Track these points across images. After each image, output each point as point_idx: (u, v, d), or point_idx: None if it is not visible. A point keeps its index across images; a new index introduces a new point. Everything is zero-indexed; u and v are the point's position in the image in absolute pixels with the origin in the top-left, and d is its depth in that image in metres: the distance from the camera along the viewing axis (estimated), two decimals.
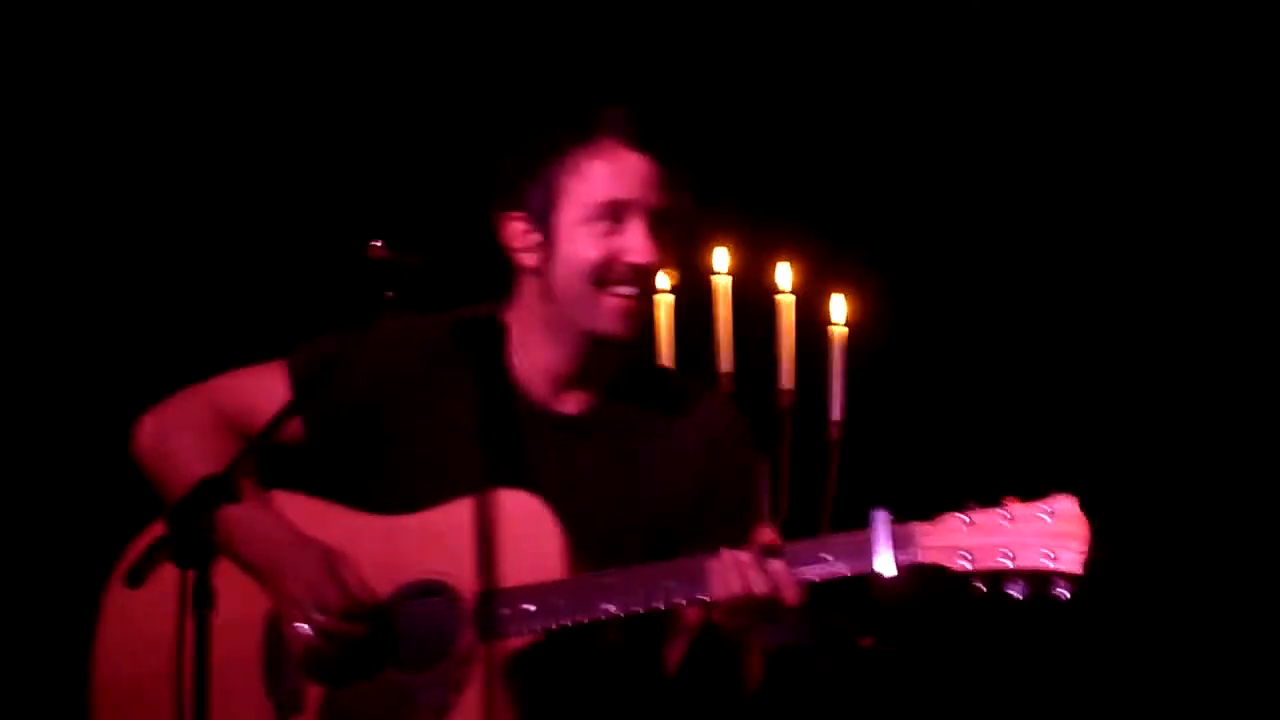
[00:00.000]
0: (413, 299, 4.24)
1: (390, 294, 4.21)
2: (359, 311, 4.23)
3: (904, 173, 6.95)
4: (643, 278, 4.35)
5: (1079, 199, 7.10)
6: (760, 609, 4.10)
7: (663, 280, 5.92)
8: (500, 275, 4.49)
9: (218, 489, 3.94)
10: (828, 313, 6.17)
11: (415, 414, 4.45)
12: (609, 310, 4.35)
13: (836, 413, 6.07)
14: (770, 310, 6.10)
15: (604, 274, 4.33)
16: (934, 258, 7.06)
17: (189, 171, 6.62)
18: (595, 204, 4.33)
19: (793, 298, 6.14)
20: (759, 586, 4.07)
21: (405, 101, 6.84)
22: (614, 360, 4.44)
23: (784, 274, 6.14)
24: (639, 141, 4.35)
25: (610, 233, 4.33)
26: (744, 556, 4.10)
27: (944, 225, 7.04)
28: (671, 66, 6.70)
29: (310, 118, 6.75)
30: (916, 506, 4.18)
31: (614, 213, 4.33)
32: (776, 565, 4.09)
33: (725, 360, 6.02)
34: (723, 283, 6.07)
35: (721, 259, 6.06)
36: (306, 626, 4.30)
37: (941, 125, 7.15)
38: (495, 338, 4.47)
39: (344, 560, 4.32)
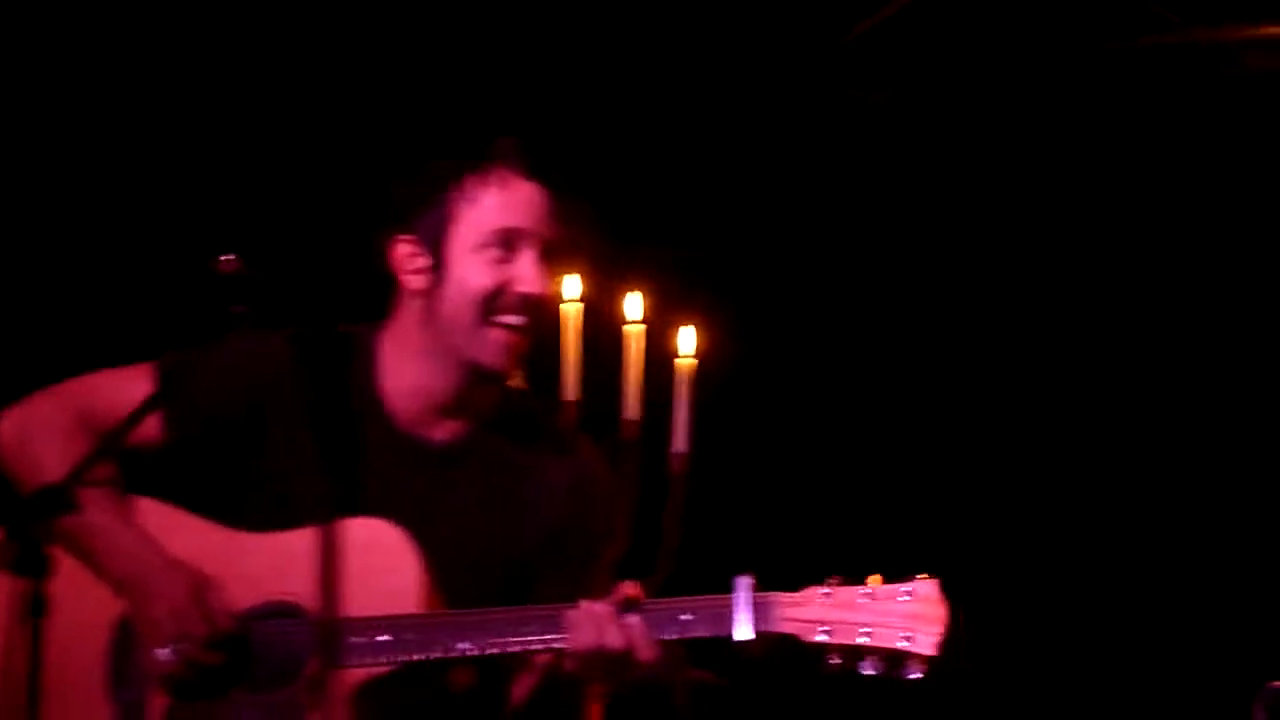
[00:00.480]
0: (274, 313, 4.16)
1: (239, 309, 4.13)
2: (213, 325, 4.16)
3: (761, 205, 6.95)
4: (531, 308, 4.36)
5: (936, 233, 7.21)
6: (614, 662, 4.16)
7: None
8: (371, 294, 4.45)
9: (57, 498, 3.91)
10: (673, 344, 6.12)
11: (276, 429, 4.42)
12: (493, 342, 4.36)
13: (681, 444, 6.02)
14: (620, 339, 6.04)
15: (493, 302, 4.34)
16: (786, 289, 7.07)
17: (51, 175, 6.54)
18: (487, 231, 4.34)
19: (642, 327, 6.08)
20: (614, 640, 4.14)
21: (280, 114, 6.85)
22: (491, 393, 4.45)
23: (634, 303, 6.07)
24: (533, 170, 4.39)
25: (501, 260, 4.34)
26: (601, 609, 4.16)
27: (797, 258, 7.05)
28: (532, 93, 6.68)
29: (185, 126, 6.76)
30: (762, 550, 4.30)
31: (506, 241, 4.35)
32: (633, 620, 4.16)
33: (570, 389, 5.95)
34: (572, 310, 5.99)
35: (572, 286, 5.99)
36: (166, 651, 4.27)
37: (794, 156, 7.19)
38: (365, 358, 4.45)
39: (211, 587, 4.29)
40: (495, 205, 4.35)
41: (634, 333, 6.08)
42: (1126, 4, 7.16)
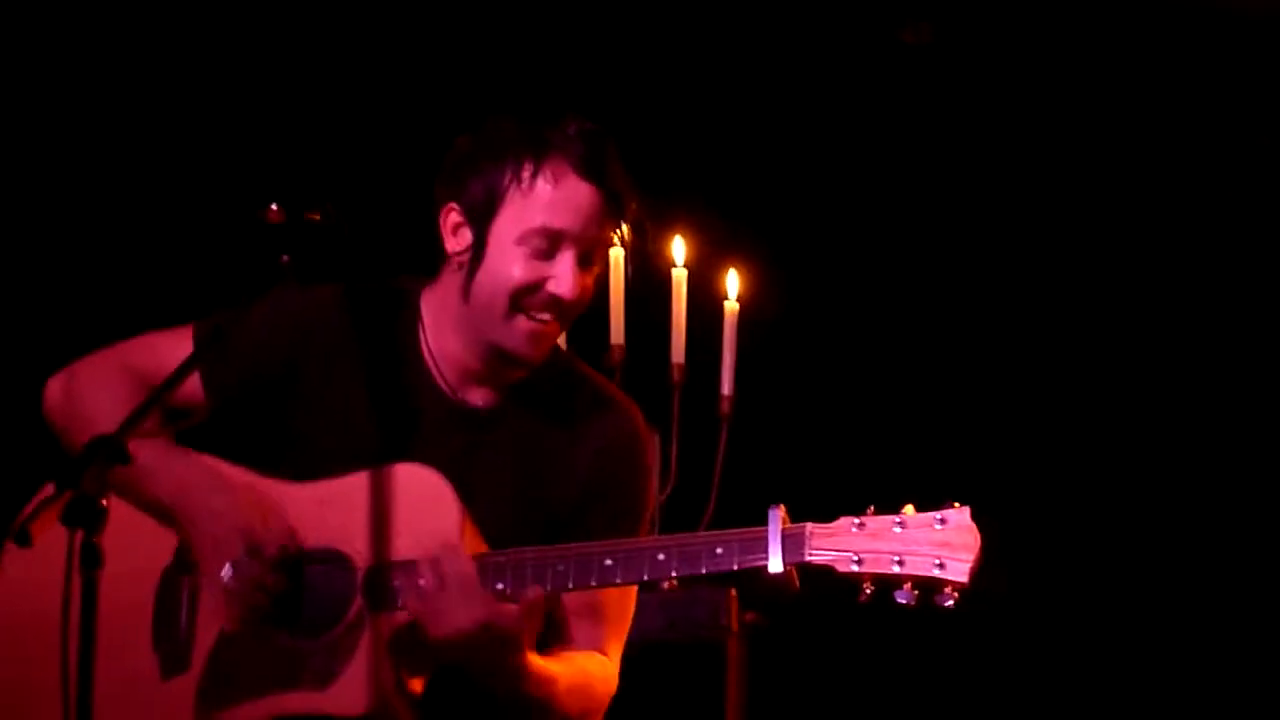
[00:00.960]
0: (324, 263, 4.16)
1: (285, 258, 4.12)
2: (260, 277, 4.12)
3: (802, 151, 6.94)
4: (562, 308, 4.32)
5: (974, 185, 7.18)
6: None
7: None
8: (424, 249, 4.42)
9: (108, 448, 3.85)
10: (722, 288, 6.14)
11: (320, 382, 4.40)
12: (520, 331, 4.33)
13: (727, 388, 6.04)
14: (665, 283, 6.05)
15: (524, 296, 4.30)
16: (828, 235, 7.06)
17: (94, 140, 6.55)
18: (533, 226, 4.27)
19: (685, 272, 6.10)
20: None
21: (335, 55, 6.84)
22: (520, 369, 4.42)
23: (679, 248, 6.09)
24: (589, 170, 4.27)
25: (540, 256, 4.28)
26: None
27: (839, 205, 7.04)
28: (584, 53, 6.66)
29: (232, 71, 6.74)
30: (805, 487, 4.21)
31: (549, 239, 4.27)
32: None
33: (617, 333, 5.98)
34: (617, 255, 6.01)
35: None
36: (228, 569, 4.26)
37: (835, 106, 7.17)
38: (411, 316, 4.43)
39: (275, 507, 4.31)
40: (545, 201, 4.26)
41: (679, 277, 6.09)
42: None
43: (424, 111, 4.76)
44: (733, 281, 6.14)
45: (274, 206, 4.12)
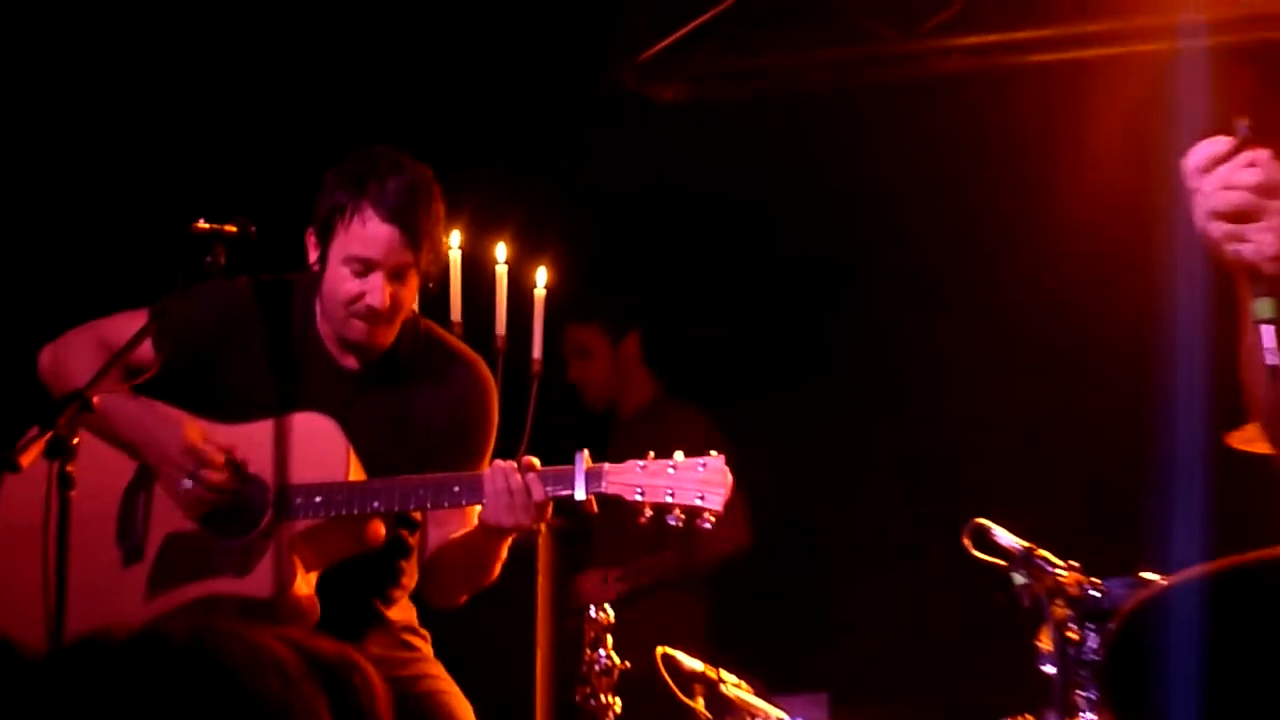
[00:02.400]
0: (237, 261, 4.20)
1: (209, 259, 4.14)
2: (193, 271, 4.14)
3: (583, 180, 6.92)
4: (378, 315, 4.30)
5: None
6: (516, 504, 4.16)
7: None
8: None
9: (77, 400, 3.94)
10: (531, 280, 6.19)
11: (240, 348, 4.40)
12: (353, 328, 4.33)
13: (536, 353, 6.09)
14: (491, 276, 6.11)
15: (350, 304, 4.29)
16: (608, 242, 7.08)
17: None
18: (350, 254, 4.27)
19: (506, 268, 6.15)
20: (517, 483, 4.14)
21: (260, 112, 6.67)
22: (373, 346, 4.39)
23: (501, 251, 6.15)
24: (392, 215, 4.24)
25: (358, 275, 4.27)
26: (509, 464, 4.18)
27: (612, 218, 7.03)
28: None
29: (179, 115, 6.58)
30: (596, 448, 4.27)
31: (362, 263, 4.26)
32: (531, 475, 4.18)
33: (455, 311, 6.02)
34: (455, 256, 6.07)
35: (455, 240, 6.06)
36: (187, 482, 4.29)
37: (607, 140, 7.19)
38: (306, 300, 4.43)
39: (210, 431, 4.32)
40: (357, 237, 4.25)
41: (501, 272, 6.14)
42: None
43: (314, 146, 4.77)
44: (541, 274, 6.20)
45: (201, 221, 4.16)
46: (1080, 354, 6.55)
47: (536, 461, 4.22)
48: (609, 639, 5.14)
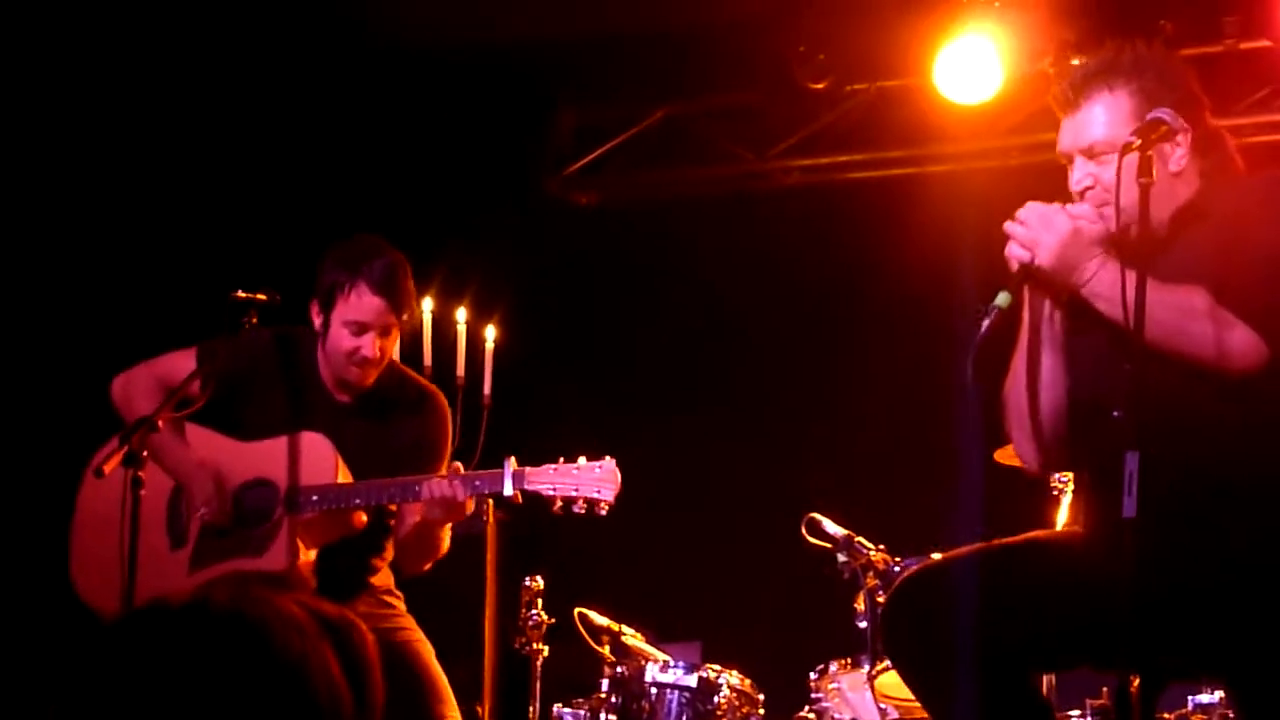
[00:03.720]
0: (265, 319, 4.21)
1: (245, 320, 4.16)
2: (233, 326, 4.18)
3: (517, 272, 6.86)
4: (369, 363, 4.29)
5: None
6: (451, 503, 4.15)
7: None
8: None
9: (146, 424, 3.96)
10: (483, 335, 6.19)
11: (264, 385, 4.37)
12: (351, 372, 4.32)
13: (487, 389, 6.08)
14: (454, 333, 6.10)
15: (348, 355, 4.28)
16: (545, 313, 7.06)
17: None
18: (346, 319, 4.26)
19: (465, 327, 6.14)
20: (453, 488, 4.13)
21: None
22: (362, 385, 4.36)
23: (460, 314, 6.14)
24: (381, 290, 4.24)
25: (354, 334, 4.26)
26: (450, 473, 4.17)
27: (537, 301, 6.94)
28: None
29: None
30: (525, 455, 4.23)
31: (358, 326, 4.26)
32: (456, 481, 4.15)
33: (427, 358, 6.00)
34: (427, 318, 6.06)
35: (426, 306, 6.06)
36: (203, 511, 4.29)
37: (537, 239, 7.20)
38: (310, 349, 4.40)
39: (222, 478, 4.30)
40: (353, 306, 4.24)
41: (460, 329, 6.13)
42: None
43: (319, 231, 4.76)
44: (490, 331, 6.20)
45: (240, 292, 4.18)
46: (892, 396, 6.56)
47: (460, 467, 4.20)
48: (539, 601, 5.15)
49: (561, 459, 4.18)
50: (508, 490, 4.13)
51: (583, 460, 4.17)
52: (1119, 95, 3.18)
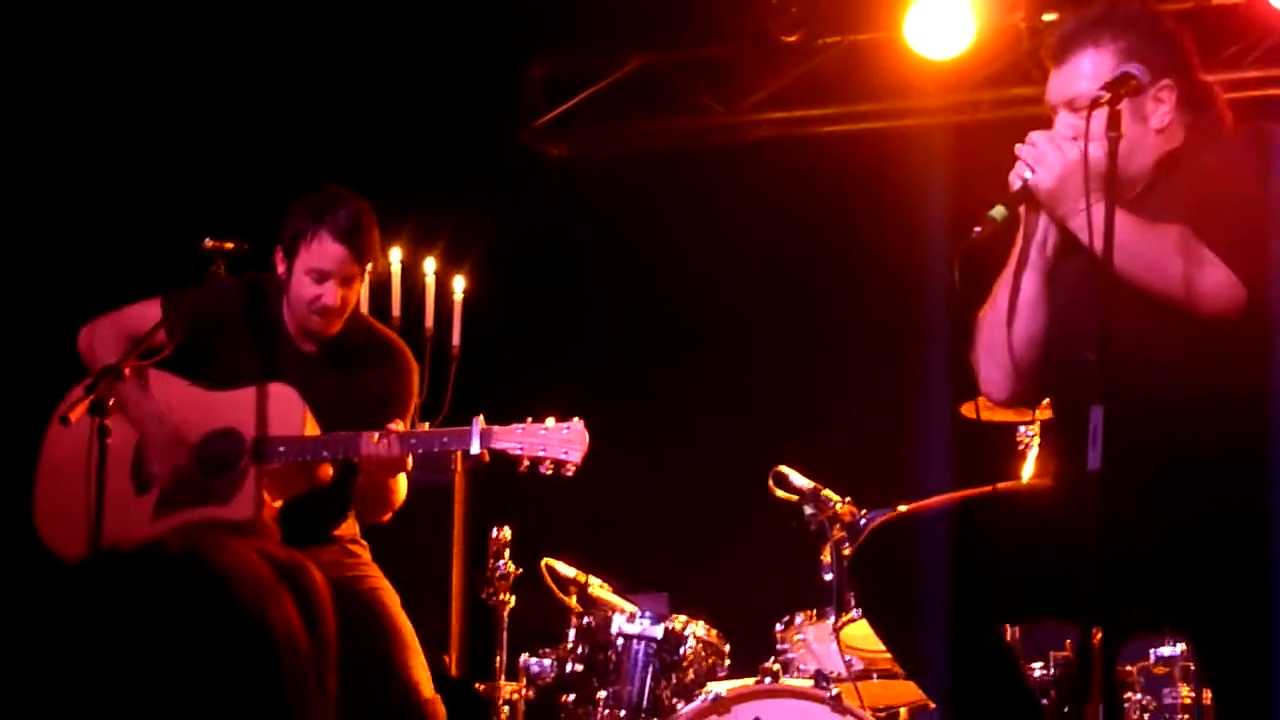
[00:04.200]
0: (231, 267, 4.19)
1: (213, 269, 4.15)
2: (199, 276, 4.15)
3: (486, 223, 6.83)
4: (331, 311, 4.26)
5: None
6: (384, 461, 4.13)
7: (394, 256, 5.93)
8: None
9: (111, 372, 3.97)
10: (452, 286, 6.19)
11: (230, 333, 4.33)
12: (313, 321, 4.28)
13: (456, 340, 6.09)
14: (423, 284, 6.10)
15: (311, 303, 4.25)
16: (514, 263, 7.06)
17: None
18: (308, 267, 4.23)
19: (434, 278, 6.14)
20: (382, 451, 4.11)
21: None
22: (326, 335, 4.32)
23: (429, 265, 6.14)
24: (342, 237, 4.20)
25: (316, 282, 4.23)
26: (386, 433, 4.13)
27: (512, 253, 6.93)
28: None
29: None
30: (493, 408, 4.21)
31: (320, 274, 4.22)
32: (394, 437, 4.12)
33: (396, 309, 6.00)
34: (396, 268, 6.06)
35: (395, 256, 6.05)
36: (157, 468, 4.27)
37: (510, 186, 7.17)
38: (276, 297, 4.37)
39: (180, 430, 4.27)
40: (315, 254, 4.21)
41: (429, 281, 6.14)
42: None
43: (289, 181, 4.71)
44: (459, 282, 6.20)
45: (207, 240, 4.16)
46: (861, 350, 6.59)
47: (398, 426, 4.17)
48: (507, 552, 5.14)
49: (529, 419, 4.13)
50: (475, 449, 4.10)
51: (551, 420, 4.13)
52: (1104, 51, 3.19)
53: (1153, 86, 3.16)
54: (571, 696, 4.82)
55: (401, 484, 4.33)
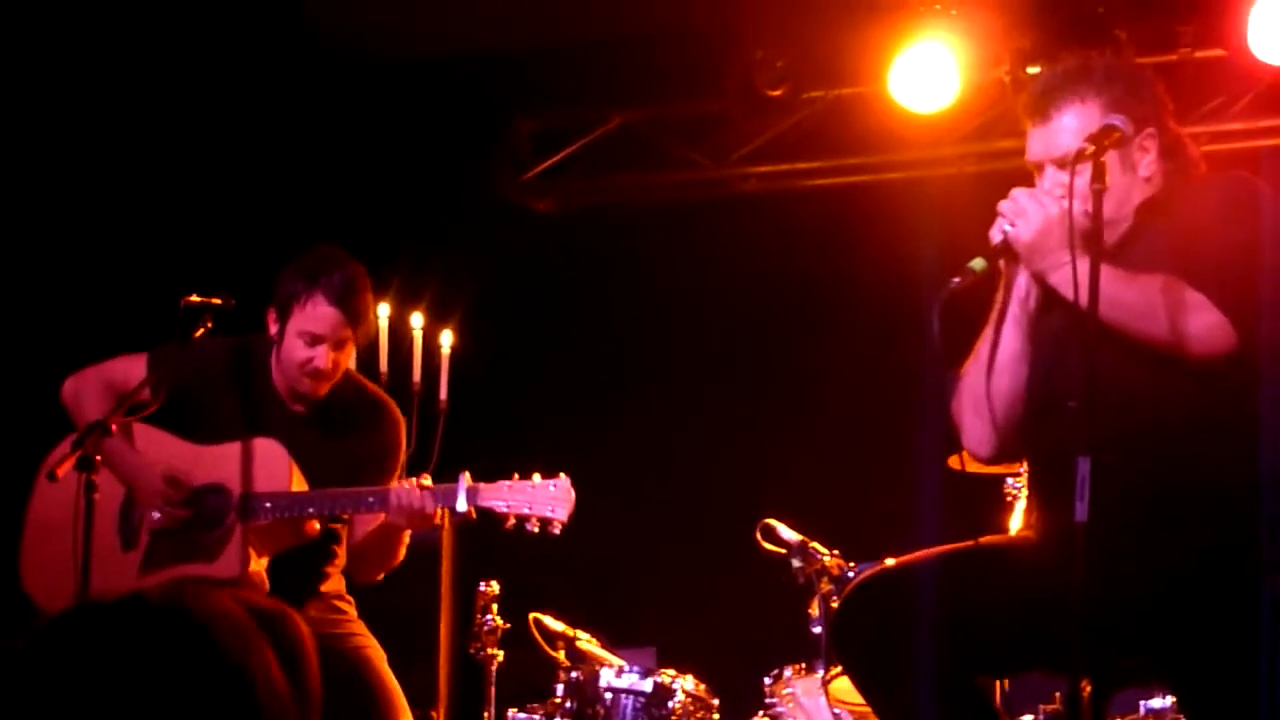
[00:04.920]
0: (220, 325, 4.18)
1: (200, 325, 4.14)
2: (185, 332, 4.15)
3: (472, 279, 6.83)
4: (322, 375, 4.24)
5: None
6: (414, 512, 4.13)
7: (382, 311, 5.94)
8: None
9: (99, 429, 3.97)
10: (440, 341, 6.17)
11: (218, 391, 4.33)
12: (304, 383, 4.27)
13: (443, 395, 6.07)
14: (410, 338, 6.08)
15: (302, 366, 4.24)
16: (503, 321, 7.05)
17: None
18: (301, 330, 4.22)
19: (421, 332, 6.13)
20: (416, 498, 4.12)
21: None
22: (316, 395, 4.32)
23: (416, 319, 6.12)
24: (336, 301, 4.19)
25: (309, 345, 4.22)
26: (413, 483, 4.15)
27: (489, 307, 6.91)
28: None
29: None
30: (482, 462, 4.20)
31: (312, 338, 4.21)
32: (427, 493, 4.14)
33: (383, 364, 5.98)
34: (383, 323, 6.03)
35: (383, 311, 6.02)
36: (155, 513, 4.25)
37: (495, 242, 7.18)
38: (264, 357, 4.36)
39: (175, 474, 4.25)
40: (308, 317, 4.20)
41: (417, 335, 6.12)
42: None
43: (277, 237, 4.69)
44: (447, 337, 6.18)
45: (194, 296, 4.16)
46: (848, 402, 6.58)
47: (428, 480, 4.18)
48: (494, 606, 5.13)
49: (516, 475, 4.13)
50: (461, 506, 4.10)
51: (537, 477, 4.12)
52: (1090, 106, 3.20)
53: (1138, 135, 3.18)
54: None
55: (405, 542, 4.33)
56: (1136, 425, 3.04)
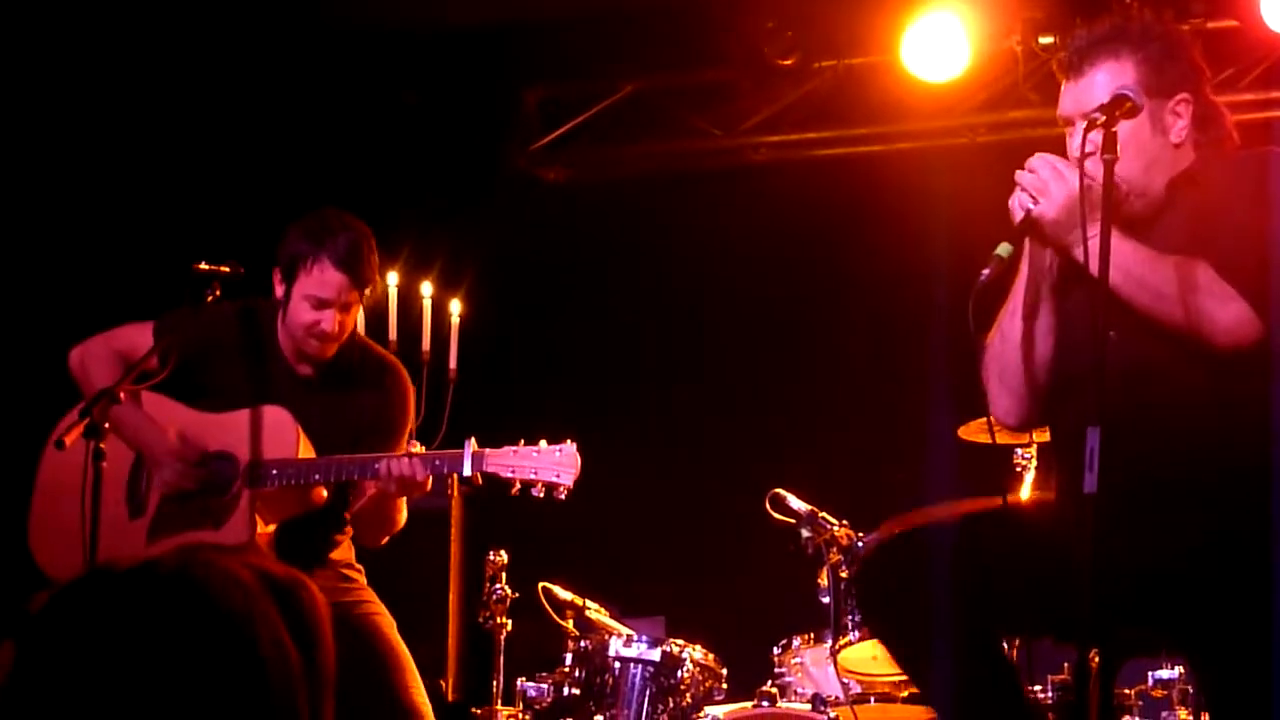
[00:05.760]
0: (228, 291, 4.17)
1: (208, 292, 4.12)
2: (194, 300, 4.13)
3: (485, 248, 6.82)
4: (328, 337, 4.23)
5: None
6: (410, 481, 4.12)
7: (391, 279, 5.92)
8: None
9: (107, 396, 3.94)
10: (449, 310, 6.17)
11: (225, 357, 4.31)
12: (310, 345, 4.25)
13: (453, 364, 6.07)
14: (419, 307, 6.08)
15: (309, 328, 4.22)
16: (512, 287, 7.06)
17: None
18: (308, 293, 4.20)
19: (431, 301, 6.12)
20: (410, 468, 4.11)
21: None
22: (323, 358, 4.30)
23: (426, 288, 6.12)
24: (342, 264, 4.17)
25: (315, 308, 4.20)
26: (409, 454, 4.15)
27: (504, 277, 6.92)
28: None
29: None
30: (491, 431, 4.19)
31: (317, 302, 4.20)
32: (415, 460, 4.13)
33: (392, 332, 5.98)
34: (393, 292, 6.04)
35: (392, 279, 6.03)
36: (167, 473, 4.25)
37: (505, 214, 7.17)
38: (271, 322, 4.34)
39: (186, 439, 4.26)
40: (315, 280, 4.18)
41: (426, 304, 6.12)
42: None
43: (287, 205, 4.70)
44: (456, 305, 6.18)
45: (203, 263, 4.14)
46: (859, 372, 6.59)
47: (419, 447, 4.18)
48: (503, 576, 5.13)
49: (522, 441, 4.12)
50: (466, 471, 4.10)
51: (543, 443, 4.11)
52: (1124, 63, 3.17)
53: (1171, 100, 3.16)
54: None
55: (404, 508, 4.32)
56: (1152, 400, 3.03)
